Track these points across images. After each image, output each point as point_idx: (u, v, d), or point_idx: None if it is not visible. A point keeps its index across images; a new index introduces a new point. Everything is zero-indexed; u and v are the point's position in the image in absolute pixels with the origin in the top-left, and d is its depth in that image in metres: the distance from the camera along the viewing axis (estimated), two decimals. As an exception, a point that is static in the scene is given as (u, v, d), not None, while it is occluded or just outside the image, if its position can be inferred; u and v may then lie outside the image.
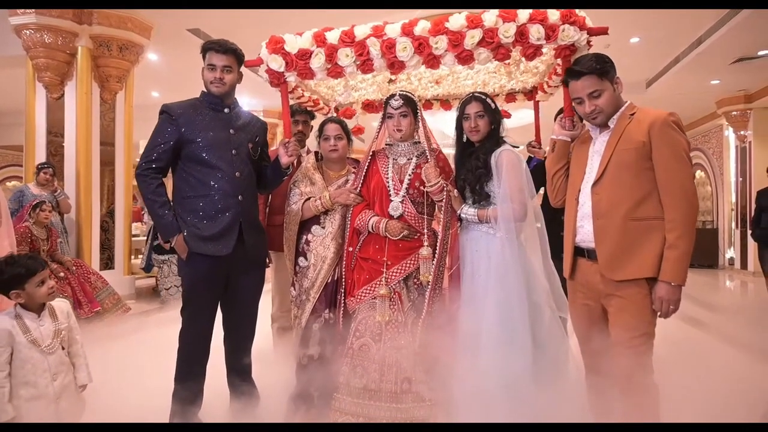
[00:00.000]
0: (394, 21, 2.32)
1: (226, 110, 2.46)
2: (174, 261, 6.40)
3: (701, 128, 10.73)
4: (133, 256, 6.95)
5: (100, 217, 6.03)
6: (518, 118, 5.70)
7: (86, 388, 2.20)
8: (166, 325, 4.70)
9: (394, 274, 2.44)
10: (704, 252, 9.83)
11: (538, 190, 2.97)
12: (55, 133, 5.79)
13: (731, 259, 9.91)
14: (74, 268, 4.99)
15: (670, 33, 6.30)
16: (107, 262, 6.06)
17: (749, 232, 6.96)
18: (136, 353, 3.75)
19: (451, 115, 3.62)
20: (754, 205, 6.11)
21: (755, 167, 8.86)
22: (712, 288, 6.87)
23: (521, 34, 2.17)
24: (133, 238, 7.14)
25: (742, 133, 9.17)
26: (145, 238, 7.34)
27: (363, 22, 2.36)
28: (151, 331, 4.56)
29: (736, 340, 4.17)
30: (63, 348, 2.12)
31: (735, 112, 9.02)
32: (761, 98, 8.41)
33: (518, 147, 2.54)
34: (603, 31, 2.21)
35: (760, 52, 6.61)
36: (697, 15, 5.75)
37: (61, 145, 5.77)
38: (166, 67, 7.43)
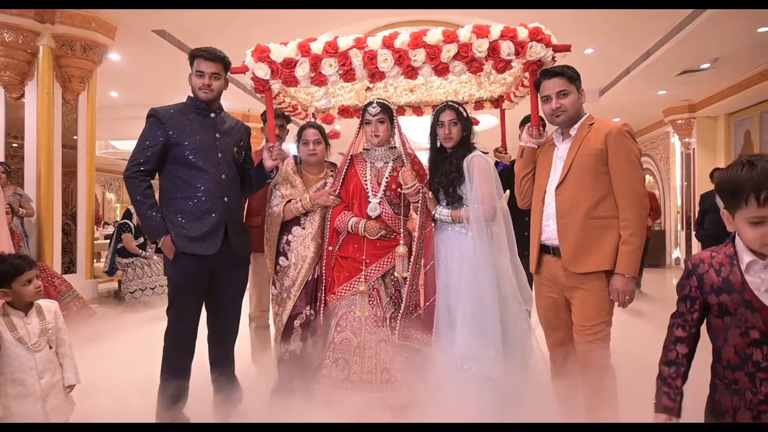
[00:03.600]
0: (348, 29, 2.45)
1: (212, 115, 2.55)
2: (138, 264, 6.34)
3: (649, 135, 11.33)
4: (95, 260, 6.83)
5: (62, 219, 5.91)
6: (481, 122, 5.95)
7: (74, 388, 2.23)
8: (133, 328, 4.70)
9: (373, 271, 2.58)
10: (652, 252, 10.33)
11: (504, 192, 3.17)
12: (14, 134, 5.66)
13: (677, 259, 10.49)
14: (38, 271, 4.88)
15: (621, 45, 6.66)
16: (69, 266, 5.94)
17: (694, 233, 7.45)
18: (109, 355, 3.74)
19: (413, 122, 3.82)
20: (698, 208, 6.55)
21: (698, 172, 9.42)
22: (660, 285, 7.29)
23: (493, 50, 2.36)
24: (96, 242, 7.01)
25: (686, 140, 9.74)
26: (108, 241, 7.22)
27: (331, 24, 2.49)
28: (117, 335, 4.52)
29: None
30: (50, 347, 2.15)
31: (680, 121, 9.58)
32: (703, 108, 8.97)
33: (486, 152, 2.73)
34: (566, 48, 2.43)
35: (703, 65, 7.08)
36: (646, 29, 6.12)
37: (20, 146, 5.64)
38: (128, 68, 7.33)
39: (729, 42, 6.14)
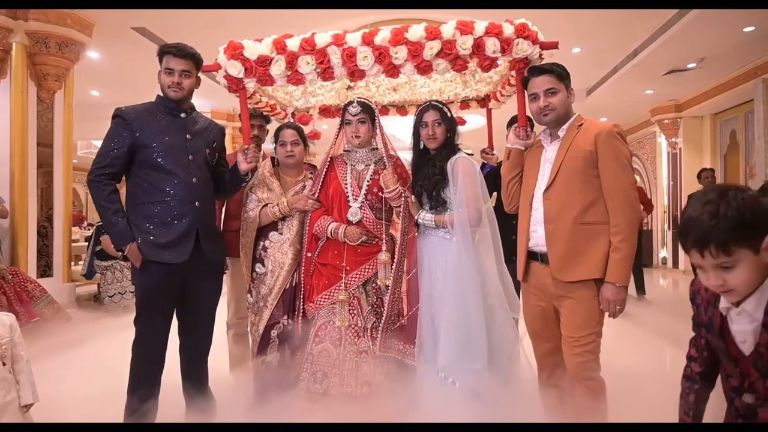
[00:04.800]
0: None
1: (182, 115, 2.42)
2: (118, 267, 6.17)
3: (636, 135, 11.34)
4: (72, 263, 6.64)
5: (37, 221, 5.72)
6: (468, 122, 5.87)
7: (31, 407, 2.08)
8: (110, 334, 4.54)
9: (353, 279, 2.47)
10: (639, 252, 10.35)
11: (490, 195, 3.07)
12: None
13: (664, 259, 10.49)
14: (10, 276, 4.72)
15: (608, 45, 6.60)
16: (45, 269, 5.75)
17: (680, 233, 7.42)
18: (81, 365, 3.62)
19: (401, 119, 3.72)
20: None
21: (685, 172, 9.43)
22: (647, 286, 7.24)
23: (478, 47, 2.25)
24: (74, 244, 6.82)
25: (673, 140, 9.75)
26: (86, 243, 7.03)
27: (314, 23, 2.38)
28: (95, 341, 4.39)
29: (665, 332, 4.50)
30: (4, 364, 2.01)
31: (667, 120, 9.58)
32: (690, 107, 8.96)
33: (471, 154, 2.63)
34: (553, 45, 2.33)
35: (689, 65, 7.06)
36: (633, 28, 6.08)
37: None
38: (108, 66, 7.14)
39: (715, 41, 6.12)
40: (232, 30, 4.59)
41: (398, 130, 5.52)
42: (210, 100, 8.83)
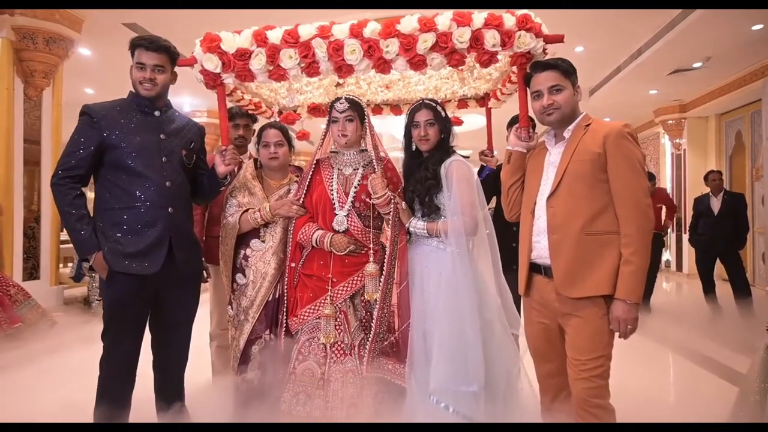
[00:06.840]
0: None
1: (156, 113, 2.24)
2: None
3: (640, 135, 11.15)
4: (62, 265, 6.46)
5: (24, 222, 5.55)
6: (467, 122, 5.70)
7: None
8: (95, 340, 4.36)
9: (340, 292, 2.28)
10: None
11: (489, 200, 2.90)
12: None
13: (667, 262, 10.30)
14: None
15: (611, 44, 6.47)
16: (32, 272, 5.59)
17: (686, 237, 7.25)
18: (61, 372, 3.47)
19: (400, 118, 3.54)
20: (691, 212, 6.34)
21: (689, 173, 9.26)
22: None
23: (476, 40, 2.06)
24: (62, 245, 6.64)
25: (677, 140, 9.57)
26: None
27: (307, 22, 2.20)
28: (78, 347, 4.23)
29: (673, 342, 4.34)
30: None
31: (671, 121, 9.40)
32: (695, 108, 8.79)
33: (468, 153, 2.44)
34: (559, 39, 2.15)
35: (695, 64, 6.89)
36: (636, 28, 5.95)
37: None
38: (100, 63, 7.00)
39: (722, 40, 5.96)
40: (225, 25, 4.43)
41: (397, 130, 5.36)
42: (206, 99, 8.66)
